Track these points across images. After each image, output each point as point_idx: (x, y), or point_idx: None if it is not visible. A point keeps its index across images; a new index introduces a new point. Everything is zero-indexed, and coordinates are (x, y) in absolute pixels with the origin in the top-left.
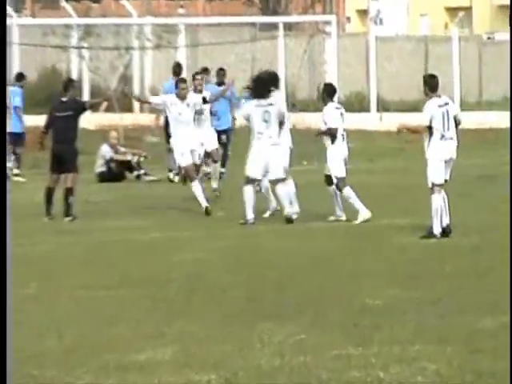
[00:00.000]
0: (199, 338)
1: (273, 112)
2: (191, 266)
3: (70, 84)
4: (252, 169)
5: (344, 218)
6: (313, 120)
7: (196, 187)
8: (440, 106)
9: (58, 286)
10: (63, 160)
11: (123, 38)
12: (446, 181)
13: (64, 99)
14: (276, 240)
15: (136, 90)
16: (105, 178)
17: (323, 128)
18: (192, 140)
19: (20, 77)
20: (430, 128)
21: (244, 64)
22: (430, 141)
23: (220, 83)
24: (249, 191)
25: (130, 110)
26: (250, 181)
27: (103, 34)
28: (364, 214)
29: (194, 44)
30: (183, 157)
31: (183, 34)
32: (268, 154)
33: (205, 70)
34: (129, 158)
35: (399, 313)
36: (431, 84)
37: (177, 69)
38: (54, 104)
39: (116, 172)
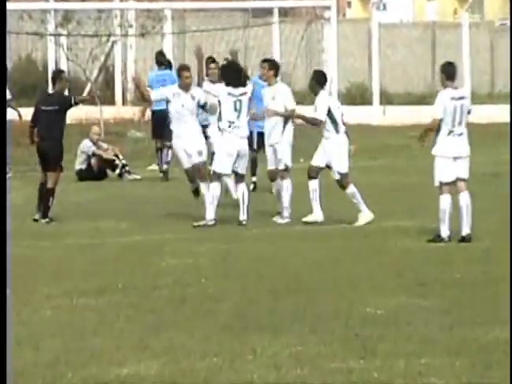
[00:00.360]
0: (188, 351)
1: (244, 102)
2: (179, 273)
3: (58, 76)
4: (221, 163)
5: (321, 219)
6: (311, 114)
7: (208, 189)
8: (453, 99)
9: (34, 293)
10: (46, 158)
11: (104, 24)
12: (462, 180)
13: (51, 92)
14: (269, 244)
15: (118, 81)
16: (85, 176)
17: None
18: (195, 138)
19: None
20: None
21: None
22: (436, 136)
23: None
24: (216, 188)
25: (111, 102)
26: (217, 176)
27: (83, 19)
28: (366, 215)
29: (181, 31)
30: (185, 158)
31: (169, 20)
32: (239, 148)
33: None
34: (111, 156)
35: (404, 323)
36: (448, 71)
37: (160, 58)
38: (40, 96)
39: (97, 170)
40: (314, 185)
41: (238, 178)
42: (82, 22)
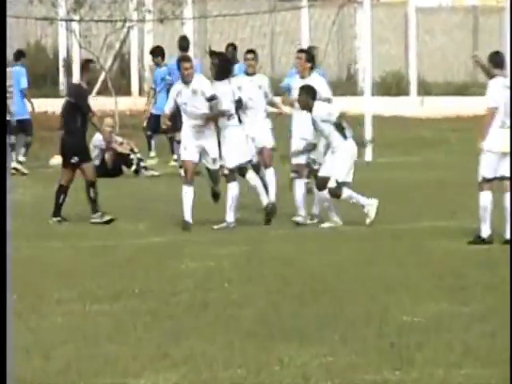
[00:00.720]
0: (209, 360)
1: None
2: (199, 276)
3: (85, 65)
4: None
5: (340, 223)
6: (342, 105)
7: (186, 193)
8: (506, 87)
9: (43, 298)
10: (63, 152)
11: (119, 8)
12: (507, 178)
13: (74, 82)
14: (294, 246)
15: (134, 69)
16: (98, 172)
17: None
18: (203, 137)
19: (20, 55)
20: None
21: (261, 39)
22: (487, 127)
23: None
24: (235, 188)
25: (127, 92)
26: (233, 175)
27: (96, 3)
28: (372, 206)
29: (202, 16)
30: (185, 151)
31: (190, 4)
32: (242, 139)
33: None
34: (126, 150)
35: (443, 331)
36: (496, 60)
37: (184, 43)
38: (82, 90)
39: (111, 166)
40: (324, 194)
41: (231, 174)
42: (95, 7)
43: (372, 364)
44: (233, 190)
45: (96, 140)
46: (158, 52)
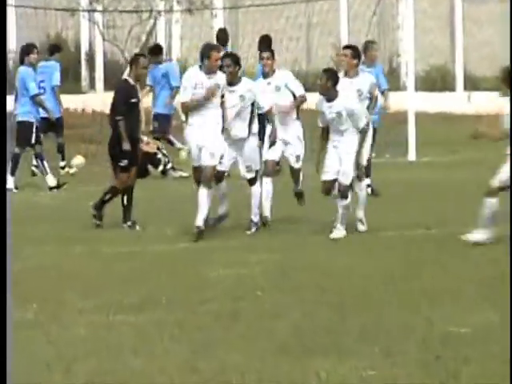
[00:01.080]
0: (241, 375)
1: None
2: (230, 284)
3: (134, 60)
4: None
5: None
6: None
7: (202, 195)
8: None
9: (64, 308)
10: (112, 154)
11: None
12: None
13: (123, 78)
14: (331, 253)
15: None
16: None
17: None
18: (211, 135)
19: (55, 49)
20: None
21: (296, 30)
22: None
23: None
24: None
25: None
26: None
27: None
28: (341, 232)
29: (233, 6)
30: (195, 155)
31: None
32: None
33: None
34: (153, 150)
35: (491, 342)
36: None
37: (222, 35)
38: (126, 87)
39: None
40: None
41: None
42: None
43: (415, 378)
44: (268, 185)
45: None
46: (158, 51)
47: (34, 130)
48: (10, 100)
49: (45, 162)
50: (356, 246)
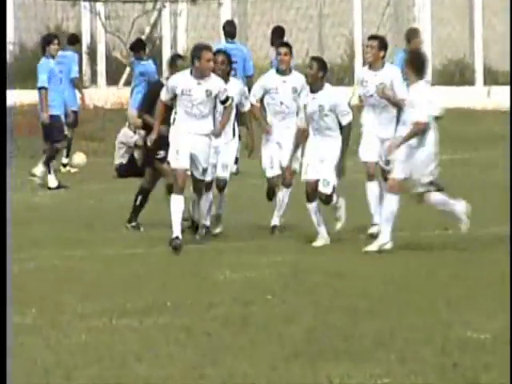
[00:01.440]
0: (251, 382)
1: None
2: (239, 288)
3: (173, 61)
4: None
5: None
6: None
7: (175, 203)
8: None
9: (65, 313)
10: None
11: None
12: None
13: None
14: (345, 256)
15: (166, 56)
16: (126, 172)
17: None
18: (201, 141)
19: (75, 39)
20: None
21: (307, 22)
22: None
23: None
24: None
25: None
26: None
27: None
28: (324, 239)
29: None
30: (178, 155)
31: None
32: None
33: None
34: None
35: None
36: None
37: (230, 28)
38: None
39: (141, 164)
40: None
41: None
42: None
43: None
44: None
45: (124, 136)
46: (140, 46)
47: (60, 125)
48: (9, 95)
49: (52, 161)
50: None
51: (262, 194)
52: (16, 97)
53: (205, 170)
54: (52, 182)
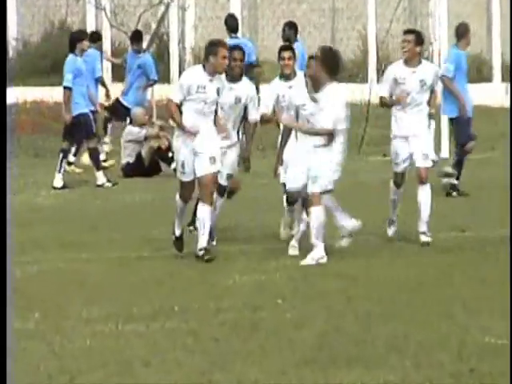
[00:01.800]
0: None
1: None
2: (249, 292)
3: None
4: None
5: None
6: None
7: (178, 208)
8: None
9: (69, 317)
10: None
11: None
12: None
13: None
14: (358, 259)
15: (174, 52)
16: (132, 171)
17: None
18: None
19: (96, 36)
20: None
21: (319, 16)
22: None
23: (288, 41)
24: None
25: (165, 79)
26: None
27: None
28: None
29: None
30: (183, 169)
31: None
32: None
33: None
34: (165, 144)
35: None
36: None
37: (232, 22)
38: None
39: (148, 163)
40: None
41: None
42: None
43: None
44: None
45: (130, 133)
46: (138, 38)
47: (91, 122)
48: (12, 92)
49: (64, 160)
50: (384, 250)
51: (271, 194)
52: (19, 94)
53: (230, 176)
54: (58, 181)
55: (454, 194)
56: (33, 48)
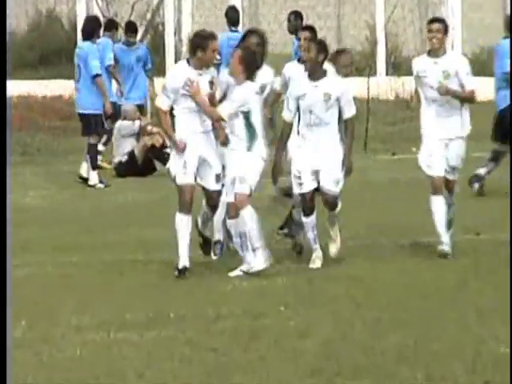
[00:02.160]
0: None
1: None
2: (250, 298)
3: None
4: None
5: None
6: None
7: (183, 225)
8: None
9: (59, 325)
10: None
11: None
12: None
13: None
14: (367, 263)
15: (170, 44)
16: (126, 170)
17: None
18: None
19: (111, 24)
20: None
21: (325, 7)
22: None
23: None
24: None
25: (161, 72)
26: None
27: None
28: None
29: None
30: (185, 169)
31: None
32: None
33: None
34: (159, 141)
35: None
36: None
37: (233, 14)
38: None
39: (142, 162)
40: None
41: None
42: None
43: None
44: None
45: (121, 130)
46: (133, 29)
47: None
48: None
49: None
50: (394, 252)
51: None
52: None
53: (218, 176)
54: (93, 178)
55: (477, 185)
56: (19, 39)
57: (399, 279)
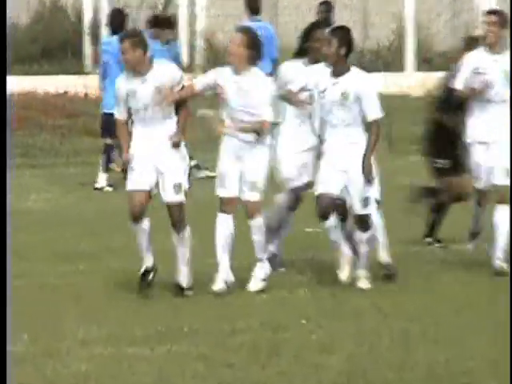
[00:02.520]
0: None
1: None
2: (268, 311)
3: None
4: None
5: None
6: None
7: (137, 234)
8: None
9: (64, 339)
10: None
11: None
12: None
13: None
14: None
15: (183, 36)
16: None
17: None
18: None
19: (165, 22)
20: None
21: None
22: None
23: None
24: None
25: None
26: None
27: None
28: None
29: None
30: (134, 176)
31: None
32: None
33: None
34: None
35: None
36: None
37: (254, 3)
38: None
39: None
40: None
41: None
42: None
43: None
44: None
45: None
46: (167, 25)
47: None
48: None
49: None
50: (425, 262)
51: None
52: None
53: (177, 186)
54: (102, 180)
55: None
56: (21, 31)
57: (428, 289)
